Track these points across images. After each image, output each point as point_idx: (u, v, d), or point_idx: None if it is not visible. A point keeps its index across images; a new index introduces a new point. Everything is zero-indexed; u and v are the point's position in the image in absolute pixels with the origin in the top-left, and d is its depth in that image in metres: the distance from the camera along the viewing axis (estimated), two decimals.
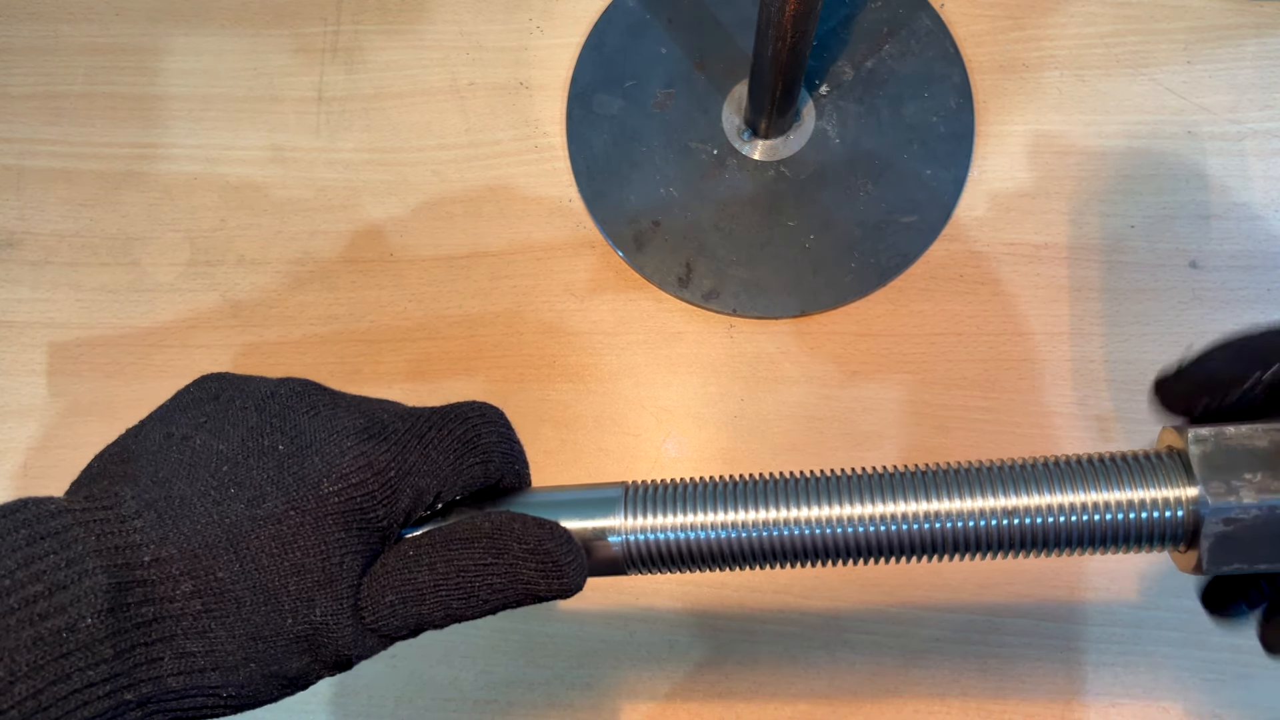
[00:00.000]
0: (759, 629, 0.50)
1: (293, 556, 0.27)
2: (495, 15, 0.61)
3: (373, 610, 0.28)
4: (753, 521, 0.31)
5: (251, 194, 0.58)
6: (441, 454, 0.30)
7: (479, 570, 0.29)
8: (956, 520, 0.29)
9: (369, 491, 0.28)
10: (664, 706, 0.49)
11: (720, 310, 0.54)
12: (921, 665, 0.49)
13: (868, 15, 0.59)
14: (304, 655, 0.28)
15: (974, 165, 0.56)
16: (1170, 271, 0.54)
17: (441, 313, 0.55)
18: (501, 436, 0.31)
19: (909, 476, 0.30)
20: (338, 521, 0.28)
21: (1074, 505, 0.29)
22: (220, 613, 0.26)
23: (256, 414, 0.29)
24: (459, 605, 0.29)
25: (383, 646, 0.30)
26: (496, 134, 0.58)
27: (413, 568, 0.29)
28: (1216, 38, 0.57)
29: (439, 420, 0.30)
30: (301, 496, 0.27)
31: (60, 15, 0.62)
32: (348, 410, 0.30)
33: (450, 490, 0.30)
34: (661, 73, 0.58)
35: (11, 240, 0.58)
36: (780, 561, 0.31)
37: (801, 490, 0.31)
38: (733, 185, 0.56)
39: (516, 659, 0.50)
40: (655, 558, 0.31)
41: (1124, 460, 0.30)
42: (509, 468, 0.32)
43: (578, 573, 0.30)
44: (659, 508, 0.31)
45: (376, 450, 0.29)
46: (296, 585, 0.27)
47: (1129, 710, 0.48)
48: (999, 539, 0.30)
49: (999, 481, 0.30)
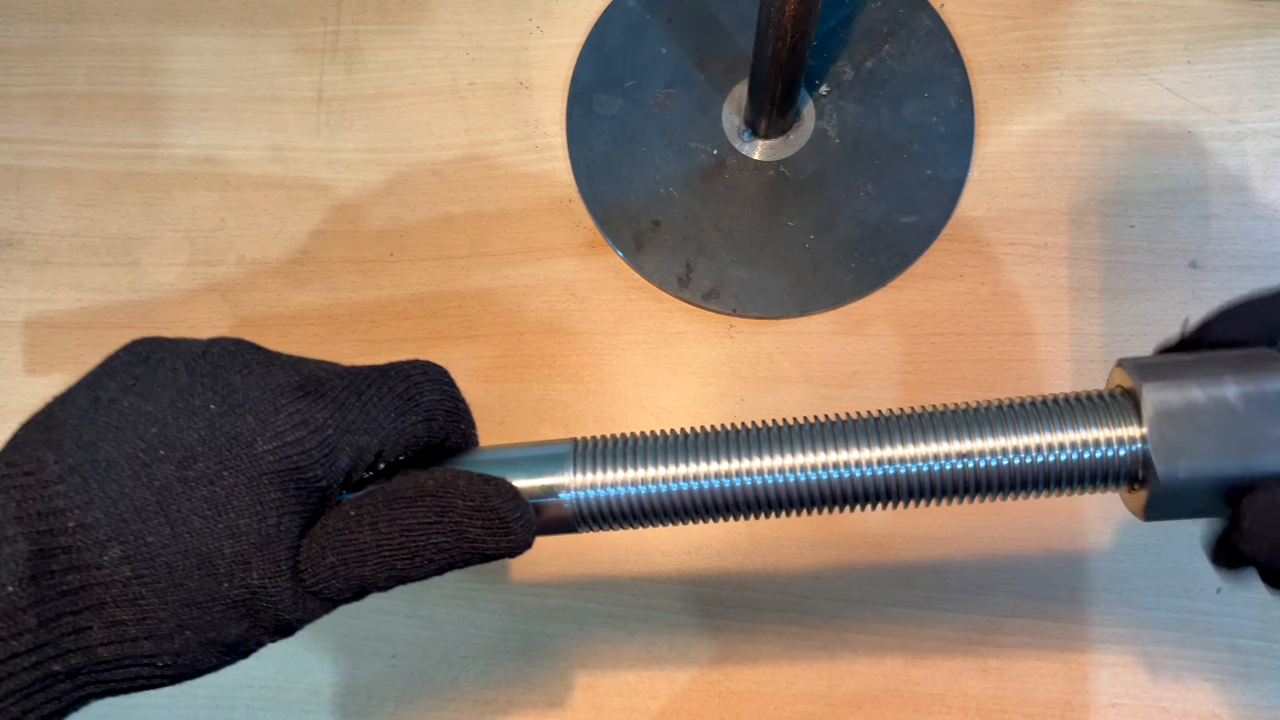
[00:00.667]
0: (759, 629, 0.50)
1: (227, 519, 0.26)
2: (495, 15, 0.61)
3: (313, 572, 0.27)
4: (704, 474, 0.30)
5: (251, 194, 0.58)
6: (382, 411, 0.29)
7: (423, 529, 0.28)
8: (907, 465, 0.29)
9: (305, 450, 0.27)
10: (664, 706, 0.49)
11: (720, 310, 0.54)
12: (921, 665, 0.49)
13: (868, 15, 0.59)
14: (242, 621, 0.27)
15: (974, 165, 0.56)
16: (1170, 271, 0.54)
17: (441, 313, 0.55)
18: (445, 395, 0.30)
19: (861, 423, 0.30)
20: (273, 481, 0.27)
21: (1023, 447, 0.29)
22: (151, 579, 0.25)
23: (187, 374, 0.28)
24: (403, 565, 0.28)
25: (325, 610, 0.29)
26: (496, 134, 0.58)
27: (354, 528, 0.27)
28: (1216, 38, 0.57)
29: (379, 377, 0.29)
30: (235, 456, 0.26)
31: (60, 15, 0.62)
32: (283, 367, 0.29)
33: (392, 449, 0.29)
34: (661, 73, 0.58)
35: (11, 240, 0.58)
36: (733, 513, 0.31)
37: (752, 440, 0.30)
38: (733, 185, 0.56)
39: (516, 659, 0.50)
40: (606, 514, 0.31)
41: (1073, 400, 0.29)
42: (454, 426, 0.31)
43: (525, 529, 0.29)
44: (609, 463, 0.30)
45: (313, 407, 0.28)
46: (232, 548, 0.26)
47: (1129, 710, 0.48)
48: (949, 483, 0.29)
49: (948, 425, 0.29)
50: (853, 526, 0.51)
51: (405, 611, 0.51)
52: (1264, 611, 0.49)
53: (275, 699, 0.50)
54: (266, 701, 0.50)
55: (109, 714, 0.50)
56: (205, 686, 0.51)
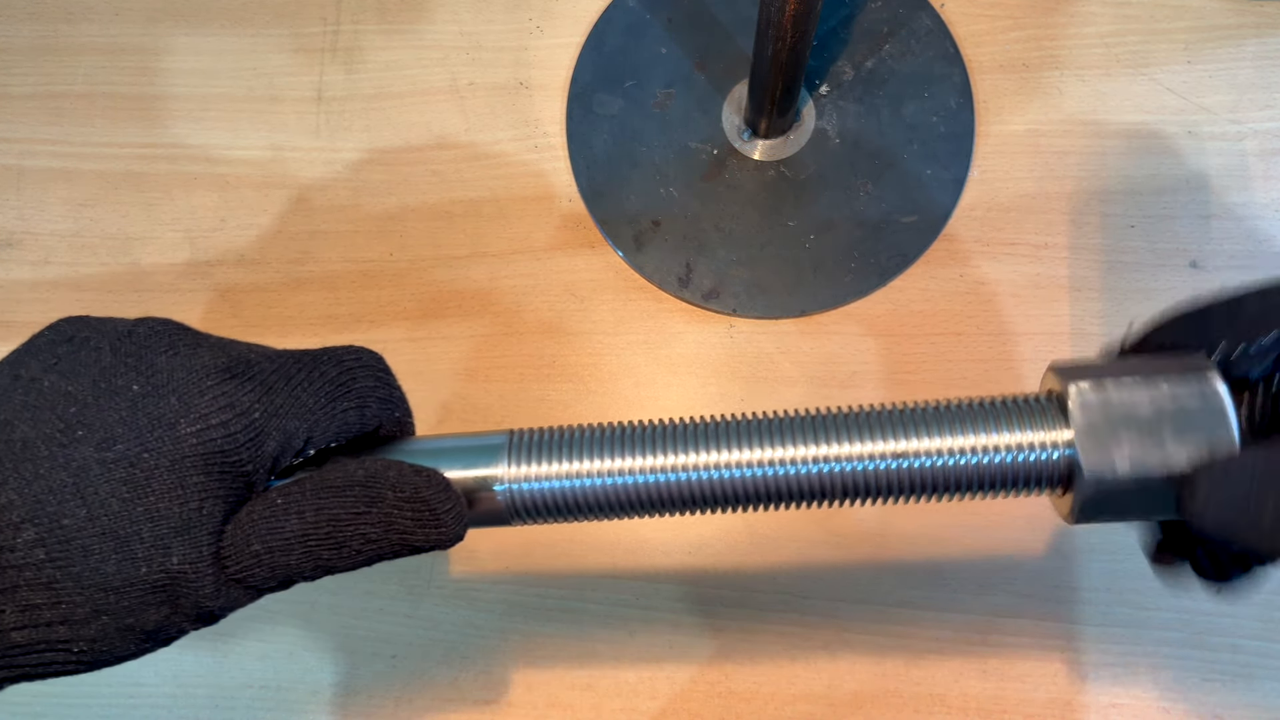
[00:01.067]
0: (759, 629, 0.50)
1: (146, 501, 0.25)
2: (495, 15, 0.61)
3: (236, 560, 0.27)
4: (638, 468, 0.29)
5: (251, 194, 0.58)
6: (312, 396, 0.28)
7: (351, 519, 0.27)
8: (839, 464, 0.29)
9: (230, 434, 0.26)
10: (664, 706, 0.49)
11: (720, 310, 0.54)
12: (921, 665, 0.49)
13: (868, 15, 0.59)
14: (162, 607, 0.26)
15: (974, 165, 0.56)
16: (1170, 271, 0.54)
17: (441, 313, 0.55)
18: (379, 381, 0.30)
19: (796, 421, 0.30)
20: (196, 465, 0.26)
21: (950, 449, 0.29)
22: (66, 562, 0.25)
23: (111, 354, 0.27)
24: (330, 556, 0.27)
25: (249, 599, 0.28)
26: (496, 134, 0.58)
27: (280, 516, 0.27)
28: (1216, 38, 0.57)
29: (310, 362, 0.29)
30: (156, 438, 0.26)
31: (60, 15, 0.62)
32: (210, 349, 0.28)
33: (322, 435, 0.28)
34: (661, 73, 0.58)
35: (11, 240, 0.58)
36: (666, 509, 0.30)
37: (687, 436, 0.30)
38: (733, 185, 0.56)
39: (516, 659, 0.50)
40: (540, 507, 0.30)
41: (1003, 404, 0.29)
42: (387, 414, 0.30)
43: (456, 522, 0.29)
44: (544, 455, 0.30)
45: (240, 390, 0.27)
46: (151, 532, 0.25)
47: (1129, 710, 0.48)
48: (878, 483, 0.29)
49: (880, 425, 0.29)
50: (853, 526, 0.51)
51: (405, 611, 0.51)
52: (1264, 611, 0.49)
53: (275, 699, 0.50)
54: (266, 701, 0.50)
55: (109, 714, 0.51)
56: (205, 687, 0.51)
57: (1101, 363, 0.29)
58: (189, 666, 0.51)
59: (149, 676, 0.51)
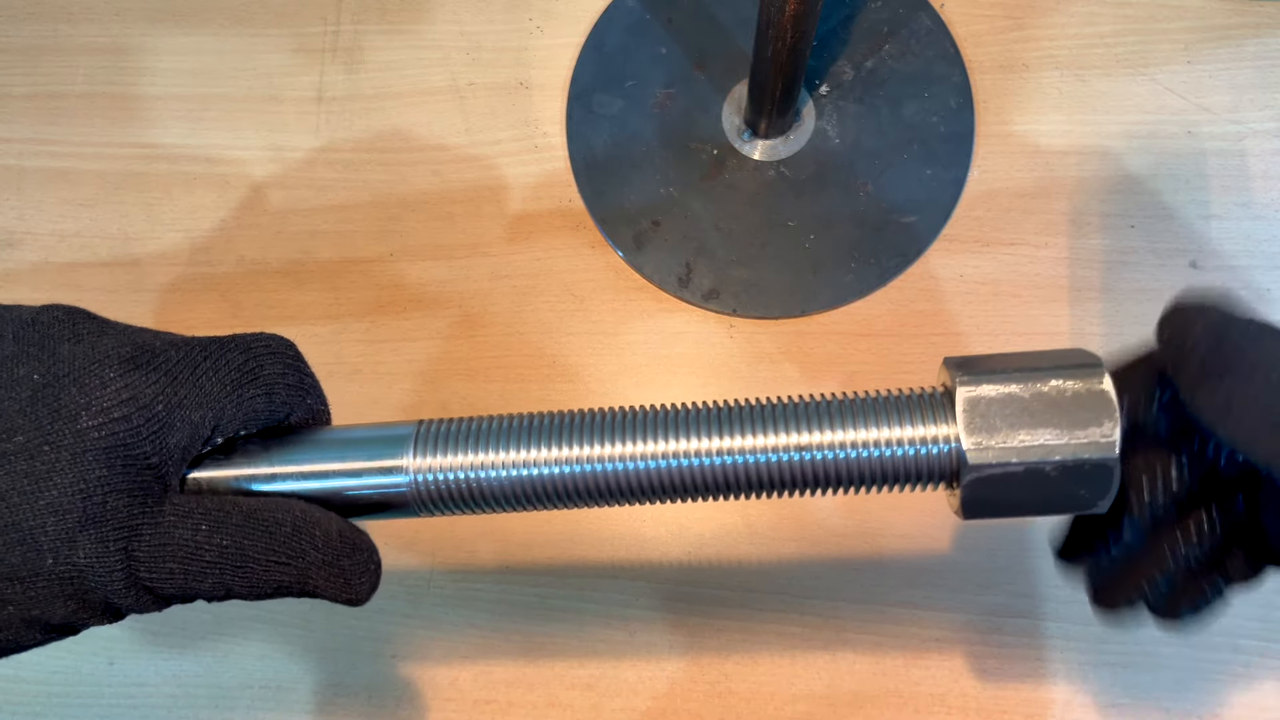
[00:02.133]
0: (759, 629, 0.50)
1: (48, 495, 0.25)
2: (495, 15, 0.61)
3: (149, 570, 0.27)
4: (540, 459, 0.29)
5: (251, 194, 0.58)
6: (217, 384, 0.28)
7: (268, 565, 0.27)
8: (735, 457, 0.29)
9: (133, 427, 0.26)
10: (664, 706, 0.49)
11: (720, 310, 0.54)
12: (921, 665, 0.49)
13: (868, 15, 0.59)
14: (69, 600, 0.26)
15: (974, 165, 0.56)
16: (1170, 271, 0.54)
17: (441, 313, 0.55)
18: (288, 368, 0.29)
19: (698, 414, 0.30)
20: (99, 459, 0.25)
21: (842, 442, 0.28)
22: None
23: (14, 343, 0.27)
24: (239, 589, 0.28)
25: (157, 608, 0.28)
26: (496, 134, 0.58)
27: (202, 544, 0.27)
28: (1216, 38, 0.57)
29: (217, 349, 0.28)
30: (57, 431, 0.25)
31: (60, 15, 0.62)
32: (115, 336, 0.28)
33: (229, 424, 0.28)
34: (661, 73, 0.58)
35: (11, 240, 0.58)
36: (567, 501, 0.30)
37: (584, 427, 0.30)
38: (733, 185, 0.56)
39: (516, 659, 0.50)
40: (445, 498, 0.30)
41: (894, 398, 0.29)
42: (297, 401, 0.30)
43: (368, 591, 0.29)
44: (450, 446, 0.30)
45: (143, 381, 0.26)
46: (55, 525, 0.25)
47: (1129, 710, 0.48)
48: (771, 477, 0.29)
49: (776, 419, 0.29)
50: (853, 526, 0.51)
51: (405, 611, 0.51)
52: (1264, 611, 0.49)
53: (275, 699, 0.50)
54: (266, 701, 0.50)
55: (109, 714, 0.51)
56: (205, 687, 0.51)
57: (990, 357, 0.29)
58: (189, 666, 0.51)
59: (150, 676, 0.51)
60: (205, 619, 0.51)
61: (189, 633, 0.51)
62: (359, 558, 0.29)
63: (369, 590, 0.29)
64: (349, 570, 0.28)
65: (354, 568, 0.28)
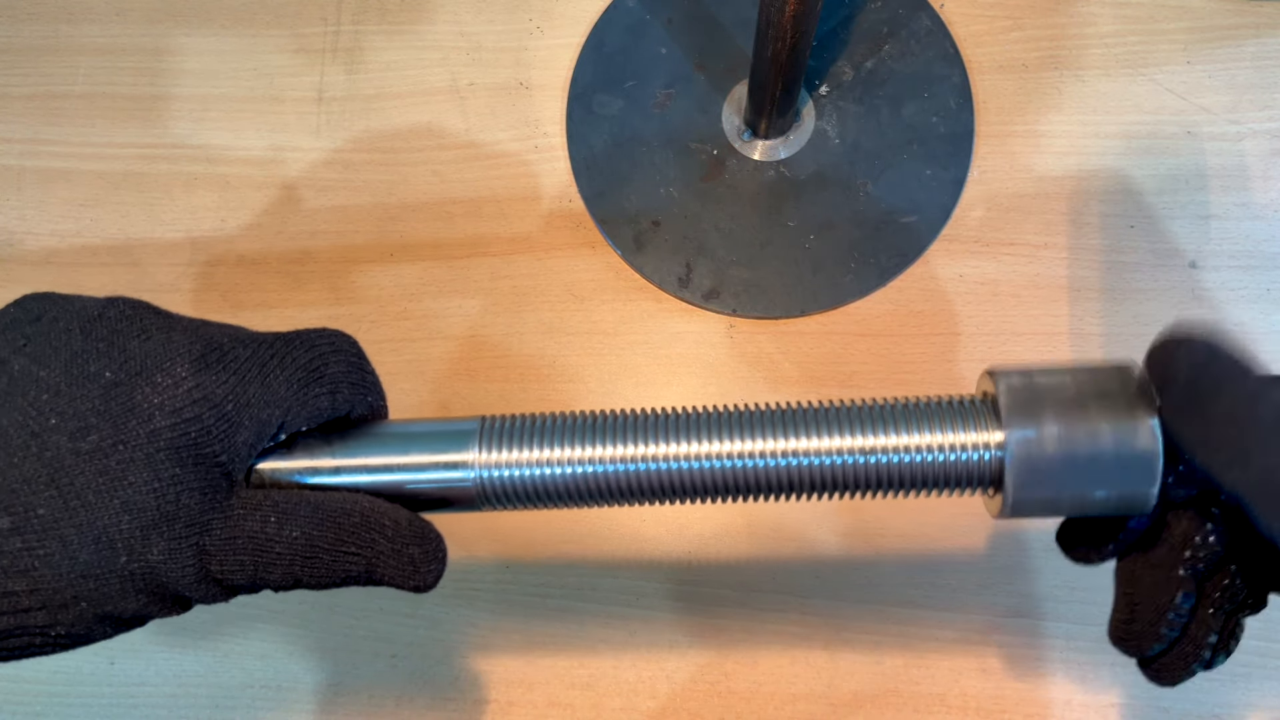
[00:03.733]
0: (759, 629, 0.50)
1: (123, 494, 0.25)
2: (495, 15, 0.61)
3: (221, 563, 0.27)
4: (604, 458, 0.30)
5: (251, 194, 0.58)
6: (284, 384, 0.28)
7: (338, 555, 0.28)
8: (796, 459, 0.29)
9: (205, 427, 0.26)
10: (664, 706, 0.49)
11: (720, 310, 0.54)
12: (921, 665, 0.49)
13: (868, 15, 0.59)
14: (140, 595, 0.26)
15: (974, 165, 0.56)
16: (1170, 271, 0.54)
17: (441, 313, 0.55)
18: (351, 366, 0.30)
19: (759, 415, 0.30)
20: (171, 457, 0.26)
21: (884, 447, 0.29)
22: (44, 551, 0.25)
23: (82, 337, 0.27)
24: (308, 580, 0.28)
25: (224, 598, 0.29)
26: (496, 134, 0.58)
27: (272, 536, 0.27)
28: (1216, 38, 0.57)
29: (283, 347, 0.29)
30: (130, 430, 0.25)
31: (60, 15, 0.62)
32: (184, 333, 0.28)
33: (295, 422, 0.29)
34: (661, 73, 0.58)
35: (11, 240, 0.58)
36: (630, 498, 0.31)
37: (650, 427, 0.30)
38: (733, 185, 0.56)
39: (516, 659, 0.50)
40: (509, 494, 0.30)
41: (936, 404, 0.30)
42: (359, 398, 0.30)
43: (435, 578, 0.29)
44: (515, 442, 0.30)
45: (214, 381, 0.27)
46: (129, 524, 0.25)
47: (1129, 710, 0.48)
48: (831, 479, 0.30)
49: (826, 422, 0.30)
50: (853, 526, 0.51)
51: (405, 611, 0.51)
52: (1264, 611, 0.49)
53: (275, 699, 0.50)
54: (266, 701, 0.50)
55: (110, 714, 0.51)
56: (205, 687, 0.51)
57: (1034, 370, 0.30)
58: (189, 666, 0.51)
59: (150, 676, 0.51)
60: (206, 619, 0.51)
61: (189, 633, 0.51)
62: (427, 546, 0.29)
63: (436, 577, 0.30)
64: (418, 558, 0.29)
65: (422, 556, 0.29)
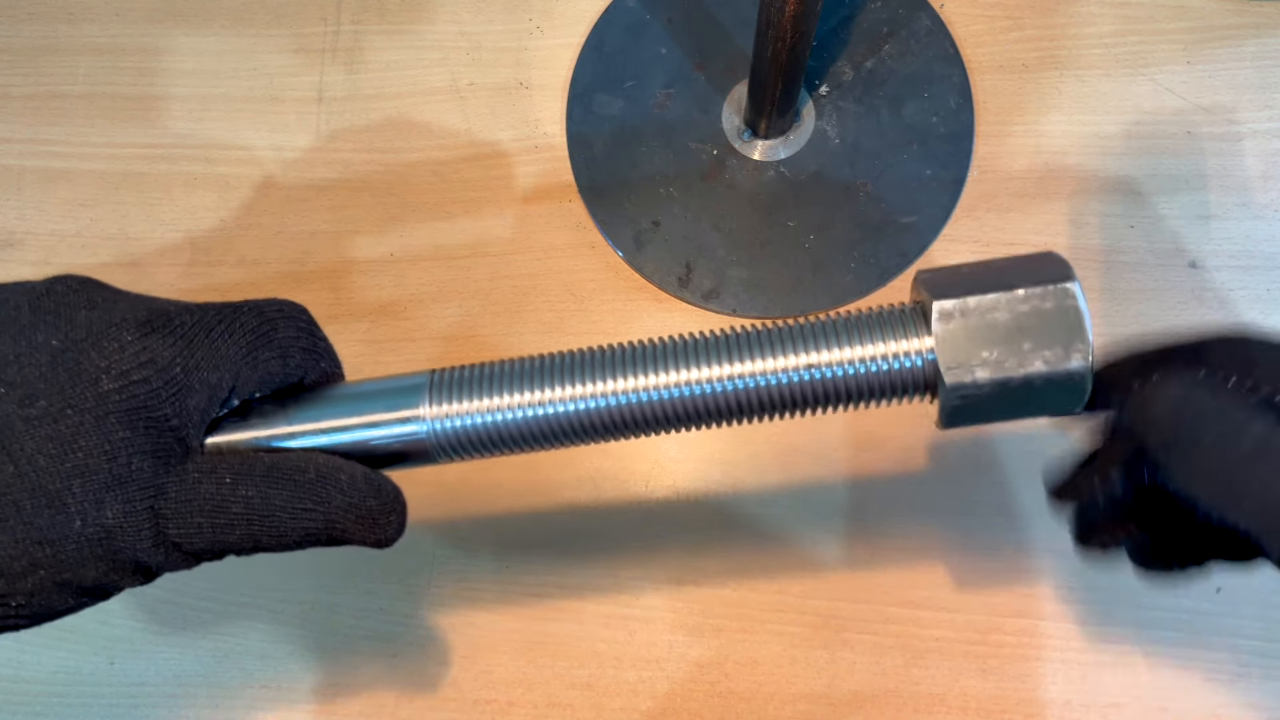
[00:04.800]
0: (759, 629, 0.50)
1: (74, 458, 0.26)
2: (495, 15, 0.61)
3: (178, 526, 0.27)
4: (553, 398, 0.31)
5: (251, 194, 0.58)
6: (233, 347, 0.28)
7: (295, 513, 0.28)
8: (735, 382, 0.30)
9: (153, 389, 0.26)
10: (664, 706, 0.49)
11: (720, 310, 0.54)
12: (921, 665, 0.49)
13: (868, 15, 0.59)
14: (99, 562, 0.27)
15: (974, 165, 0.56)
16: (1170, 271, 0.54)
17: (441, 313, 0.55)
18: (301, 331, 0.30)
19: (697, 344, 0.31)
20: (121, 420, 0.26)
21: (818, 363, 0.30)
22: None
23: (30, 312, 0.27)
24: (267, 540, 0.28)
25: (187, 565, 0.29)
26: (496, 134, 0.58)
27: (228, 495, 0.27)
28: (1216, 38, 0.57)
29: (230, 313, 0.29)
30: (79, 394, 0.26)
31: (60, 15, 0.62)
32: (130, 303, 0.28)
33: (245, 386, 0.29)
34: (661, 73, 0.58)
35: (11, 240, 0.58)
36: (579, 437, 0.31)
37: (590, 364, 0.31)
38: (733, 185, 0.56)
39: (516, 659, 0.50)
40: (464, 444, 0.31)
41: (869, 315, 0.30)
42: (312, 364, 0.30)
43: (396, 530, 0.30)
44: (465, 392, 0.31)
45: (160, 344, 0.27)
46: (82, 487, 0.26)
47: (1129, 710, 0.48)
48: (771, 399, 0.30)
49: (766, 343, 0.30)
50: (854, 526, 0.51)
51: (405, 611, 0.51)
52: (1264, 611, 0.49)
53: (275, 699, 0.50)
54: (266, 701, 0.50)
55: (110, 714, 0.51)
56: (205, 687, 0.51)
57: (962, 268, 0.30)
58: (189, 666, 0.51)
59: (150, 676, 0.51)
60: (206, 617, 0.51)
61: (189, 632, 0.51)
62: (384, 498, 0.29)
63: (397, 530, 0.30)
64: (375, 510, 0.29)
65: (380, 508, 0.29)
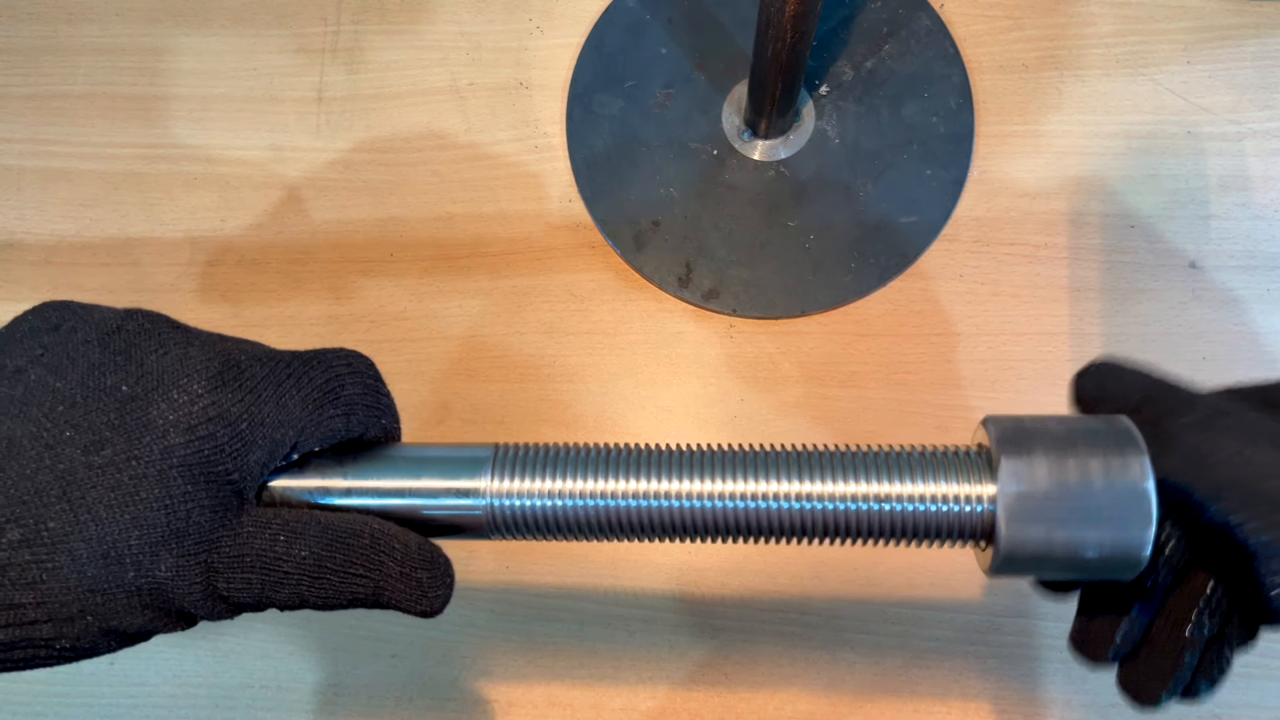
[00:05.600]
0: (759, 629, 0.50)
1: (134, 509, 0.25)
2: (495, 15, 0.61)
3: (228, 581, 0.27)
4: (618, 492, 0.30)
5: (251, 194, 0.58)
6: (300, 404, 0.28)
7: (346, 577, 0.28)
8: (811, 503, 0.29)
9: (218, 445, 0.26)
10: (664, 706, 0.49)
11: (720, 310, 0.54)
12: (921, 665, 0.49)
13: (868, 15, 0.59)
14: (146, 611, 0.26)
15: (974, 165, 0.56)
16: (1170, 271, 0.54)
17: (441, 313, 0.55)
18: (367, 388, 0.30)
19: (771, 457, 0.30)
20: (183, 474, 0.26)
21: (877, 495, 0.29)
22: (52, 564, 0.25)
23: (100, 350, 0.27)
24: (314, 600, 0.28)
25: (230, 615, 0.28)
26: (496, 134, 0.58)
27: (281, 553, 0.27)
28: (1216, 38, 0.57)
29: (300, 366, 0.28)
30: (145, 446, 0.25)
31: (60, 15, 0.62)
32: (200, 349, 0.28)
33: (308, 442, 0.29)
34: (661, 73, 0.58)
35: (11, 240, 0.58)
36: (638, 535, 0.30)
37: (659, 463, 0.30)
38: (733, 185, 0.56)
39: (516, 659, 0.50)
40: (519, 524, 0.30)
41: (932, 454, 0.29)
42: (373, 421, 0.30)
43: (443, 603, 0.30)
44: (528, 471, 0.30)
45: (229, 399, 0.27)
46: (139, 540, 0.25)
47: (1129, 710, 0.48)
48: (829, 524, 0.29)
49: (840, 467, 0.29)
50: None
51: None
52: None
53: (275, 699, 0.50)
54: (266, 701, 0.50)
55: (110, 714, 0.51)
56: (205, 687, 0.51)
57: (1030, 421, 0.29)
58: (189, 666, 0.51)
59: (150, 676, 0.51)
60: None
61: (190, 633, 0.51)
62: (435, 571, 0.29)
63: (443, 603, 0.30)
64: (425, 583, 0.29)
65: (430, 581, 0.29)
